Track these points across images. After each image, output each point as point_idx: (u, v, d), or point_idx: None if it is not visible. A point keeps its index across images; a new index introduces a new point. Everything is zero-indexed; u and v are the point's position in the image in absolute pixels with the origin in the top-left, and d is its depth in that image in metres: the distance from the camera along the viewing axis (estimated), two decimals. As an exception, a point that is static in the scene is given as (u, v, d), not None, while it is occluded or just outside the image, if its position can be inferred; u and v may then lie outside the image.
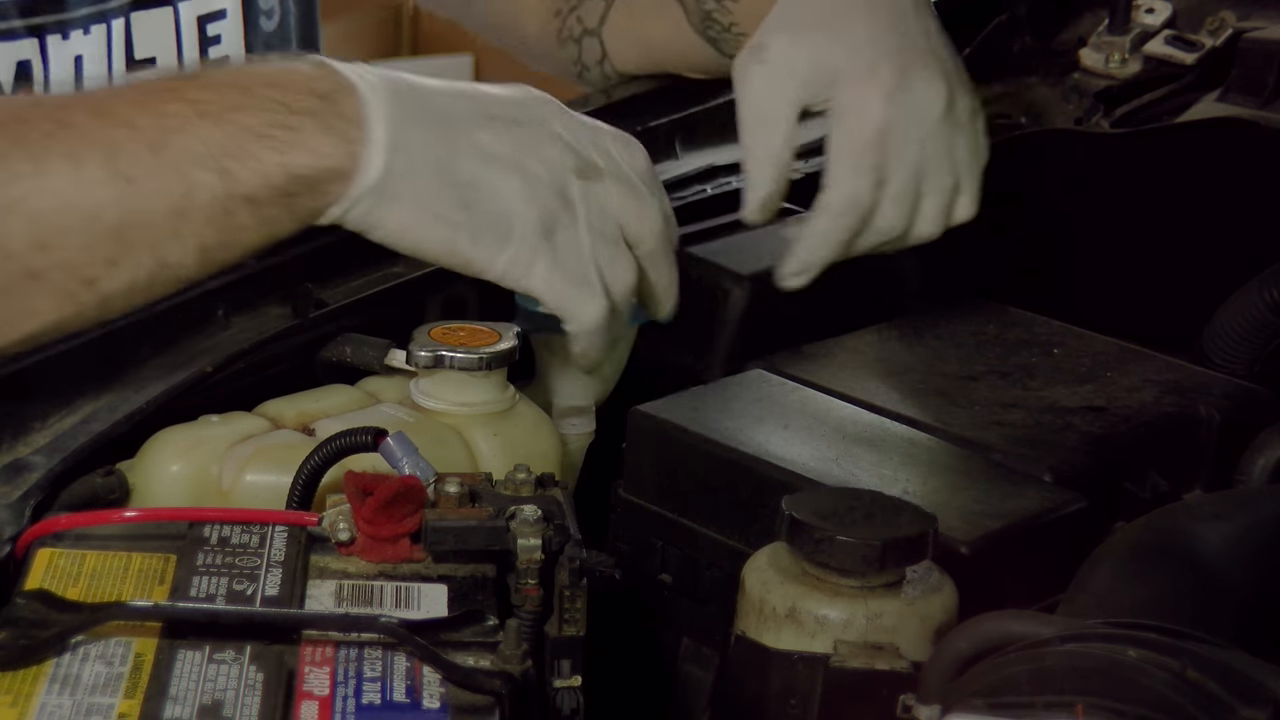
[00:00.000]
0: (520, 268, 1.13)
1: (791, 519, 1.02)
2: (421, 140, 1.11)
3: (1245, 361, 1.34)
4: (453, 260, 1.13)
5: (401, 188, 1.10)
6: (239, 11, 1.49)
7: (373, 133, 1.09)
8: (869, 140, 1.27)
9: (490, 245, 1.12)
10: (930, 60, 1.30)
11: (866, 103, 1.27)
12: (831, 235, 1.28)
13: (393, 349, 1.20)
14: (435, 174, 1.11)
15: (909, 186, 1.29)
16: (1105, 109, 1.62)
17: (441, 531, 0.98)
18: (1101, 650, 0.87)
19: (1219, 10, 1.68)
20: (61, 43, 1.39)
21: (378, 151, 1.09)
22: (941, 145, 1.30)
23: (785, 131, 1.29)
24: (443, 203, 1.11)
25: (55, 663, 0.87)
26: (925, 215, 1.31)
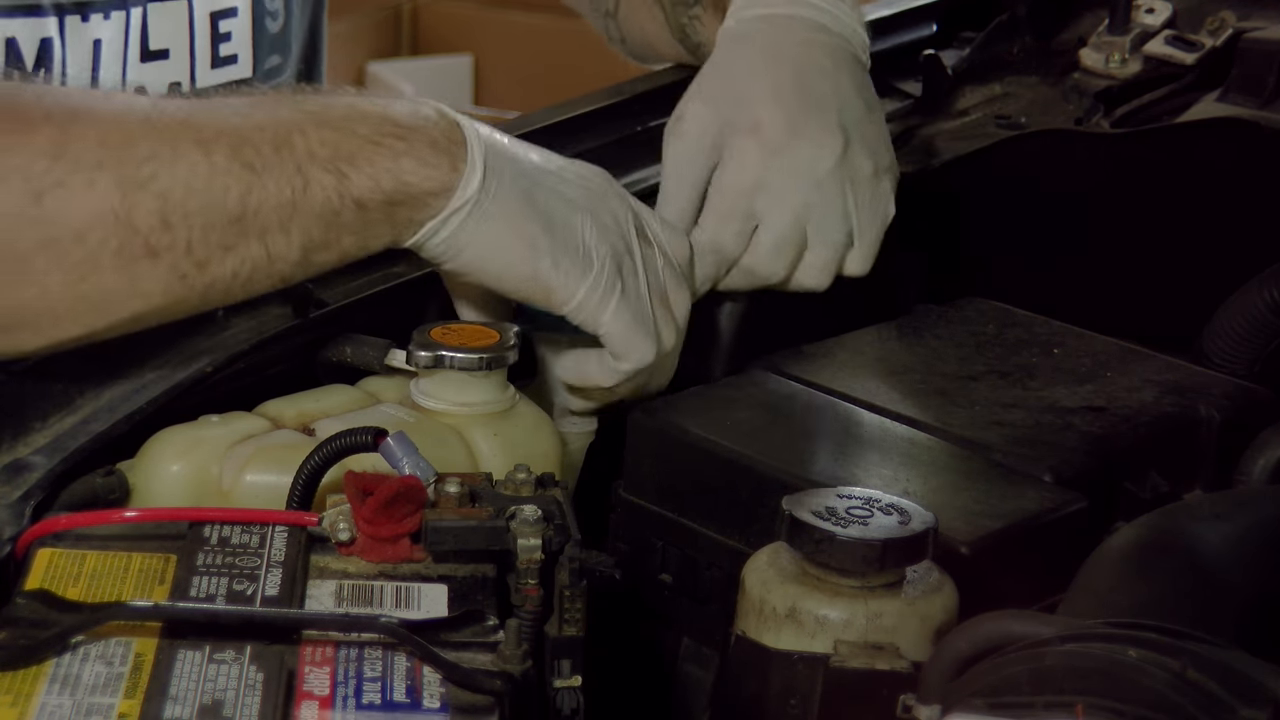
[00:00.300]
0: (597, 298, 1.18)
1: (791, 519, 1.02)
2: (512, 171, 1.16)
3: (1245, 361, 1.34)
4: (534, 285, 1.17)
5: (494, 207, 1.15)
6: (249, 10, 1.50)
7: (473, 153, 1.14)
8: (741, 189, 1.31)
9: (572, 272, 1.17)
10: (827, 118, 1.33)
11: (745, 154, 1.32)
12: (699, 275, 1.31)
13: (393, 349, 1.20)
14: (524, 200, 1.16)
15: (788, 237, 1.32)
16: (1105, 109, 1.62)
17: (441, 531, 0.98)
18: (1101, 650, 0.87)
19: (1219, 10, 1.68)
20: (81, 25, 1.40)
21: (476, 170, 1.14)
22: (831, 199, 1.32)
23: (688, 199, 1.33)
24: (531, 225, 1.16)
25: (55, 663, 0.87)
26: (809, 265, 1.34)
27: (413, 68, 3.87)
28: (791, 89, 1.33)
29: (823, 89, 1.34)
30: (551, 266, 1.16)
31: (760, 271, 1.33)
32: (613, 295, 1.18)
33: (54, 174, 1.05)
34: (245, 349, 1.18)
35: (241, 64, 1.51)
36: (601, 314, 1.18)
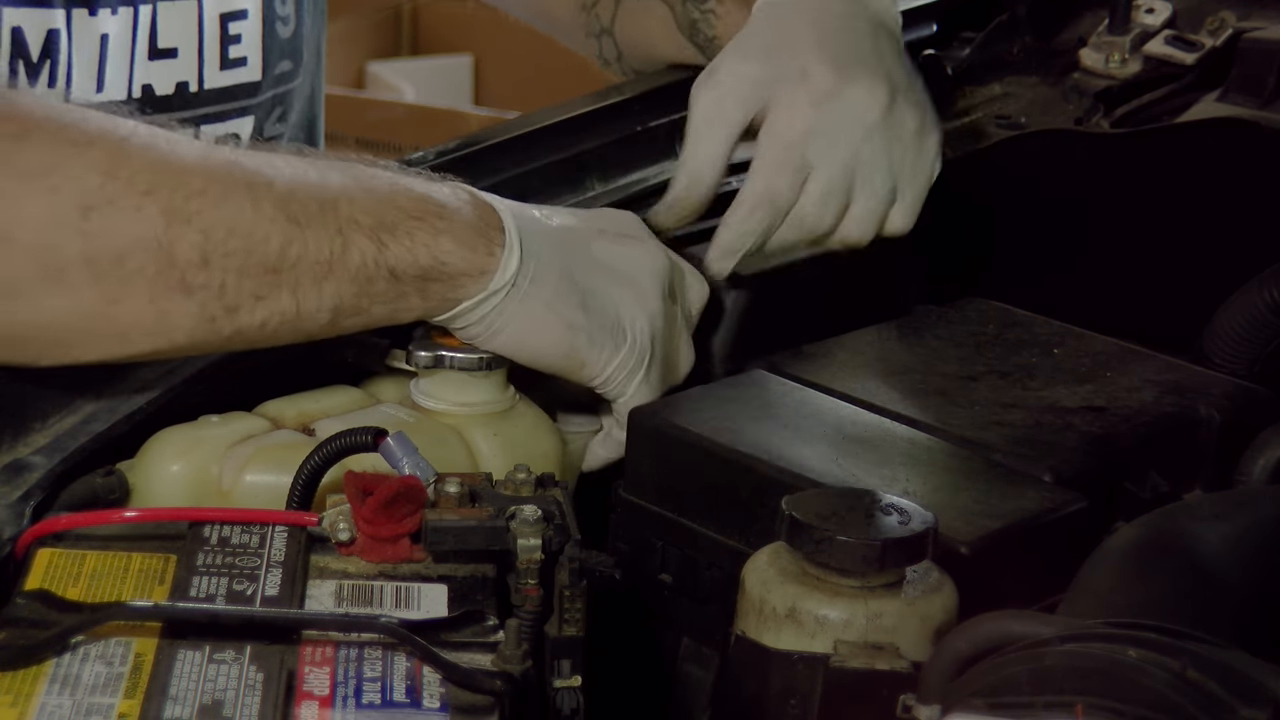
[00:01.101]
0: (626, 373, 1.20)
1: (791, 519, 1.02)
2: (548, 249, 1.17)
3: (1245, 361, 1.34)
4: (568, 362, 1.18)
5: (531, 290, 1.15)
6: (259, 13, 1.50)
7: (510, 237, 1.15)
8: (794, 139, 1.31)
9: (606, 349, 1.19)
10: (874, 70, 1.33)
11: (795, 103, 1.31)
12: (747, 225, 1.32)
13: (393, 349, 1.20)
14: (560, 279, 1.17)
15: (837, 186, 1.32)
16: (1105, 109, 1.62)
17: (441, 531, 0.98)
18: (1101, 650, 0.87)
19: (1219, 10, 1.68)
20: (88, 19, 1.40)
21: (514, 253, 1.15)
22: (878, 150, 1.33)
23: (721, 142, 1.33)
24: (567, 305, 1.17)
25: (55, 663, 0.87)
26: (854, 217, 1.34)
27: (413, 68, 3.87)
28: (836, 43, 1.33)
29: (866, 47, 1.34)
30: (587, 344, 1.18)
31: (809, 221, 1.33)
32: (641, 369, 1.21)
33: (106, 191, 1.05)
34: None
35: (251, 66, 1.51)
36: (628, 387, 1.21)
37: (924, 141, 1.36)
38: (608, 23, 1.57)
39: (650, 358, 1.21)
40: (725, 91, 1.32)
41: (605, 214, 1.24)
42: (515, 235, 1.15)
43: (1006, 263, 1.53)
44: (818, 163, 1.31)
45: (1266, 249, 1.38)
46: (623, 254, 1.21)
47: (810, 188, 1.32)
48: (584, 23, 1.59)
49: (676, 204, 1.34)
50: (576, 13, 1.59)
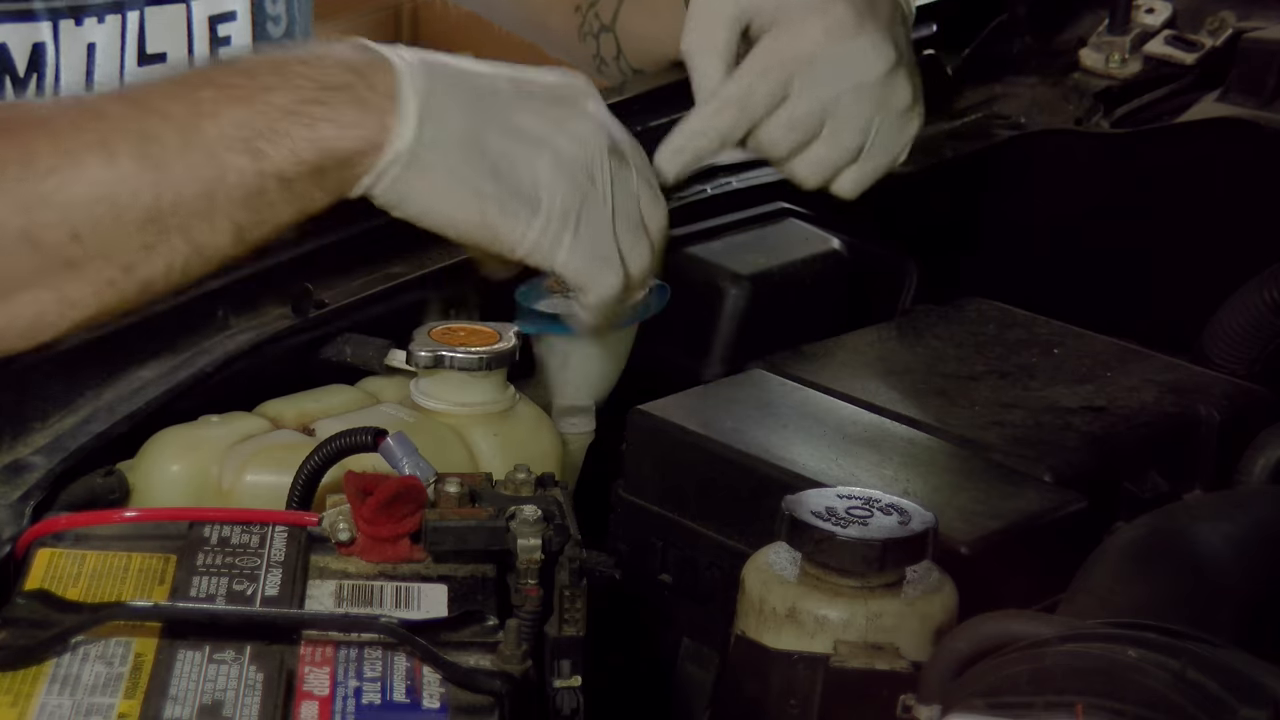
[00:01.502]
0: (549, 240, 1.14)
1: (791, 519, 1.02)
2: (455, 112, 1.13)
3: (1245, 361, 1.34)
4: (482, 232, 1.14)
5: (432, 157, 1.12)
6: (248, 15, 1.50)
7: (404, 104, 1.11)
8: (791, 56, 1.29)
9: (520, 216, 1.14)
10: (887, 33, 1.32)
11: (807, 27, 1.29)
12: (710, 122, 1.29)
13: (393, 349, 1.20)
14: (467, 144, 1.13)
15: (808, 122, 1.30)
16: (1105, 109, 1.62)
17: (441, 531, 0.98)
18: (1101, 650, 0.87)
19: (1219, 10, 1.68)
20: (75, 29, 1.40)
21: (408, 121, 1.11)
22: (862, 107, 1.31)
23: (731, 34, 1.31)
24: (474, 172, 1.13)
25: (55, 663, 0.87)
26: (808, 158, 1.32)
27: (413, 68, 3.86)
28: None
29: (885, 11, 1.33)
30: (499, 212, 1.13)
31: (765, 141, 1.31)
32: (566, 233, 1.15)
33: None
34: (245, 349, 1.18)
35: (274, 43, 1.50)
36: (556, 254, 1.15)
37: (905, 121, 1.34)
38: (609, 19, 1.56)
39: (576, 221, 1.15)
40: None
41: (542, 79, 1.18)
42: (413, 101, 1.11)
43: (1006, 263, 1.53)
44: (801, 91, 1.29)
45: (1266, 249, 1.38)
46: (547, 117, 1.16)
47: (781, 112, 1.30)
48: (577, 25, 1.58)
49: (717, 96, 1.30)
50: (569, 15, 1.58)
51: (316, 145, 1.09)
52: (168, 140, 1.07)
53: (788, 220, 1.44)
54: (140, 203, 1.06)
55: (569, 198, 1.15)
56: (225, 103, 1.09)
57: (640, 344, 1.30)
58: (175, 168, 1.07)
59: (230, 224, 1.09)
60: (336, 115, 1.10)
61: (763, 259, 1.37)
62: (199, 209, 1.07)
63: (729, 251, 1.38)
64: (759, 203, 1.45)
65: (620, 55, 1.57)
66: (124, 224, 1.06)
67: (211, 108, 1.08)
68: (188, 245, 1.08)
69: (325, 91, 1.10)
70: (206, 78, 1.11)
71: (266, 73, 1.10)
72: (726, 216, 1.42)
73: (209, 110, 1.08)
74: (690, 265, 1.36)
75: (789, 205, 1.45)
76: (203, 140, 1.07)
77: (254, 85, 1.10)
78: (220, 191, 1.08)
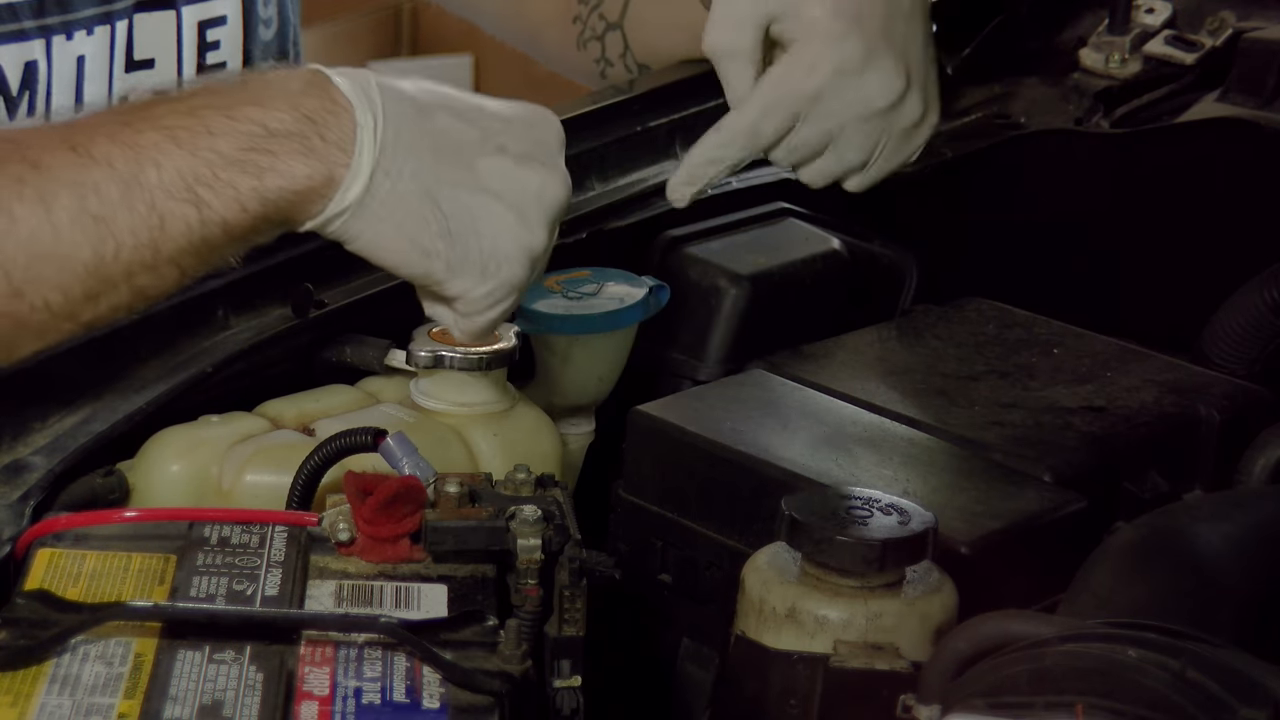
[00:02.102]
0: (489, 304, 1.12)
1: (791, 519, 1.02)
2: (413, 166, 1.10)
3: (1245, 361, 1.34)
4: (424, 281, 1.12)
5: (383, 211, 1.09)
6: (239, 18, 1.49)
7: (359, 157, 1.08)
8: (799, 94, 1.32)
9: (470, 278, 1.11)
10: (897, 57, 1.33)
11: (818, 64, 1.31)
12: (720, 153, 1.32)
13: (393, 349, 1.20)
14: (420, 200, 1.10)
15: (812, 146, 1.33)
16: (1105, 109, 1.62)
17: (441, 531, 0.98)
18: (1101, 650, 0.87)
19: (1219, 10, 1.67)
20: (65, 43, 1.39)
21: (360, 176, 1.08)
22: (868, 135, 1.34)
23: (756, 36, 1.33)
24: (423, 231, 1.10)
25: (55, 663, 0.87)
26: (813, 169, 1.36)
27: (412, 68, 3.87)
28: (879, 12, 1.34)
29: (906, 28, 1.35)
30: (446, 270, 1.11)
31: (770, 155, 1.34)
32: (505, 301, 1.13)
33: None
34: (245, 349, 1.18)
35: (230, 71, 1.50)
36: (486, 315, 1.13)
37: (914, 134, 1.36)
38: (615, 17, 1.56)
39: (517, 293, 1.13)
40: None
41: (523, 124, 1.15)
42: (369, 150, 1.08)
43: (1006, 263, 1.52)
44: (807, 121, 1.32)
45: (1266, 249, 1.38)
46: (517, 177, 1.12)
47: (788, 138, 1.33)
48: (576, 33, 1.57)
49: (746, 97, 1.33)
50: (566, 27, 1.58)
51: (261, 196, 1.07)
52: (108, 192, 1.05)
53: (788, 220, 1.44)
54: (81, 256, 1.05)
55: (520, 274, 1.12)
56: (168, 149, 1.07)
57: (640, 344, 1.30)
58: (117, 220, 1.05)
59: (175, 269, 1.08)
60: (283, 166, 1.07)
61: (763, 259, 1.37)
62: (142, 259, 1.06)
63: (729, 251, 1.38)
64: (759, 203, 1.45)
65: (627, 51, 1.56)
66: (66, 278, 1.05)
67: (154, 154, 1.06)
68: (132, 293, 1.07)
69: (273, 140, 1.07)
70: (152, 119, 1.08)
71: (212, 114, 1.08)
72: (726, 216, 1.42)
73: (151, 158, 1.06)
74: (690, 265, 1.36)
75: (789, 205, 1.45)
76: (144, 190, 1.06)
77: (199, 128, 1.07)
78: (163, 241, 1.06)
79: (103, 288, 1.06)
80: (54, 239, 1.05)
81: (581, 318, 1.25)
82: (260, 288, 1.21)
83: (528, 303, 1.25)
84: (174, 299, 1.14)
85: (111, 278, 1.06)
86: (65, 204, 1.05)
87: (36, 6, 1.37)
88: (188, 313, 1.17)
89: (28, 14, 1.37)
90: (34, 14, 1.37)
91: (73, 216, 1.05)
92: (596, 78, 1.58)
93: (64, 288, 1.05)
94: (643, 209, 1.39)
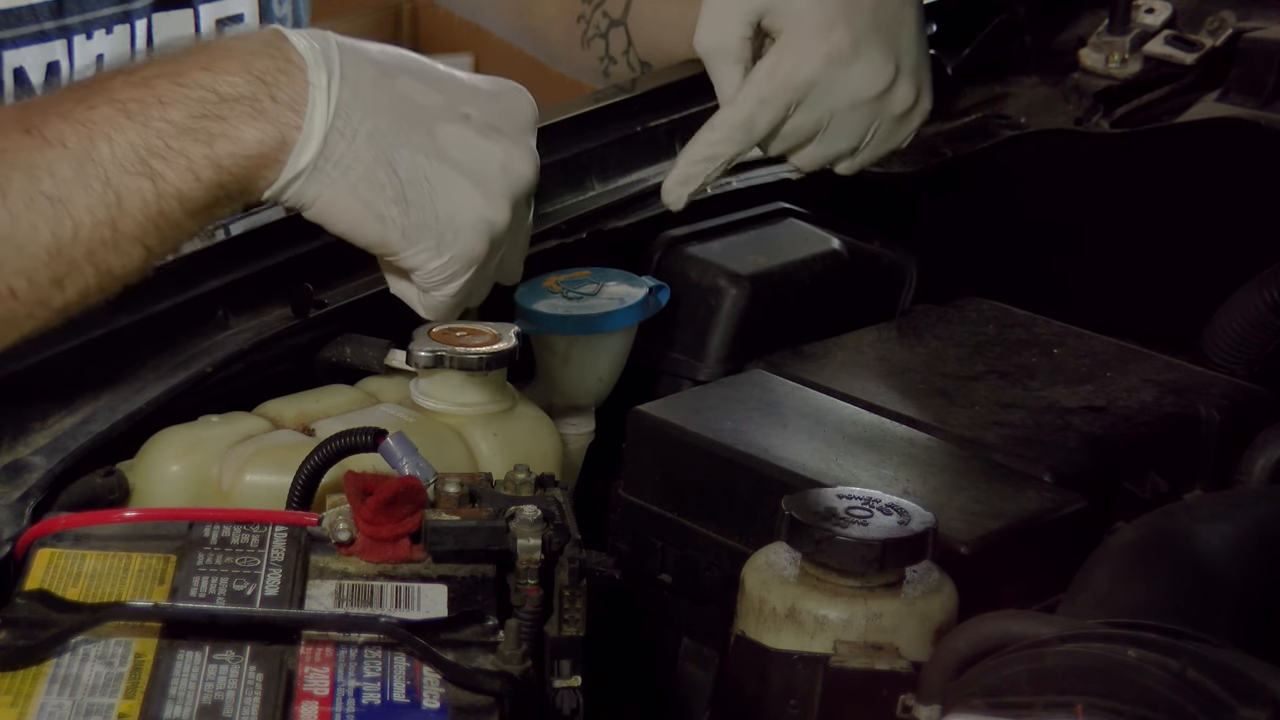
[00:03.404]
0: (445, 276, 1.12)
1: (791, 519, 1.02)
2: (370, 126, 1.09)
3: (1245, 361, 1.34)
4: (381, 249, 1.12)
5: (336, 173, 1.08)
6: (255, 16, 1.50)
7: (312, 116, 1.07)
8: (792, 85, 1.32)
9: (425, 248, 1.11)
10: (886, 45, 1.34)
11: (808, 54, 1.32)
12: (716, 149, 1.33)
13: (393, 349, 1.20)
14: (376, 163, 1.09)
15: (804, 134, 1.35)
16: (1105, 109, 1.62)
17: (441, 531, 0.98)
18: (1101, 650, 0.87)
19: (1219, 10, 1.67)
20: (85, 42, 1.40)
21: (313, 137, 1.07)
22: (858, 122, 1.35)
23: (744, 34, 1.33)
24: (377, 196, 1.09)
25: (55, 663, 0.87)
26: (803, 154, 1.37)
27: (413, 68, 3.86)
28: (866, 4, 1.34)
29: (891, 15, 1.35)
30: (401, 238, 1.10)
31: (760, 145, 1.36)
32: (465, 273, 1.12)
33: None
34: (245, 349, 1.18)
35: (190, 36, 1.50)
36: (445, 287, 1.13)
37: (904, 122, 1.38)
38: (619, 14, 1.56)
39: (480, 265, 1.13)
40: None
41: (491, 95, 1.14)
42: (321, 110, 1.07)
43: (1006, 263, 1.53)
44: (799, 110, 1.33)
45: (1266, 249, 1.38)
46: (480, 147, 1.11)
47: (780, 128, 1.34)
48: (580, 32, 1.57)
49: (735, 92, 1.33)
50: (570, 26, 1.58)
51: (214, 163, 1.06)
52: (61, 171, 1.05)
53: (788, 220, 1.44)
54: (40, 239, 1.04)
55: (478, 247, 1.11)
56: (120, 122, 1.06)
57: (640, 344, 1.30)
58: (73, 199, 1.05)
59: (137, 248, 1.07)
60: (234, 131, 1.06)
61: (763, 259, 1.37)
62: (102, 237, 1.06)
63: (729, 251, 1.38)
64: (759, 203, 1.45)
65: (630, 48, 1.56)
66: (27, 262, 1.04)
67: (106, 129, 1.06)
68: (97, 273, 1.06)
69: (223, 105, 1.07)
70: (105, 91, 1.07)
71: (163, 83, 1.07)
72: (726, 216, 1.42)
73: (103, 133, 1.05)
74: (690, 265, 1.36)
75: (789, 205, 1.45)
76: (97, 167, 1.05)
77: (150, 99, 1.06)
78: (121, 218, 1.06)
79: (67, 270, 1.05)
80: (11, 224, 1.04)
81: (581, 318, 1.26)
82: (260, 288, 1.21)
83: (528, 303, 1.25)
84: (174, 299, 1.14)
85: (74, 259, 1.05)
86: (20, 188, 1.04)
87: (56, 7, 1.38)
88: (188, 313, 1.17)
89: (48, 15, 1.37)
90: (54, 14, 1.38)
91: (28, 200, 1.04)
92: (600, 76, 1.58)
93: (27, 272, 1.05)
94: (643, 209, 1.39)
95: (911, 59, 1.36)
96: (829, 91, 1.33)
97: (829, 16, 1.32)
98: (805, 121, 1.34)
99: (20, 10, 1.36)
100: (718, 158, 1.33)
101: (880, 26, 1.34)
